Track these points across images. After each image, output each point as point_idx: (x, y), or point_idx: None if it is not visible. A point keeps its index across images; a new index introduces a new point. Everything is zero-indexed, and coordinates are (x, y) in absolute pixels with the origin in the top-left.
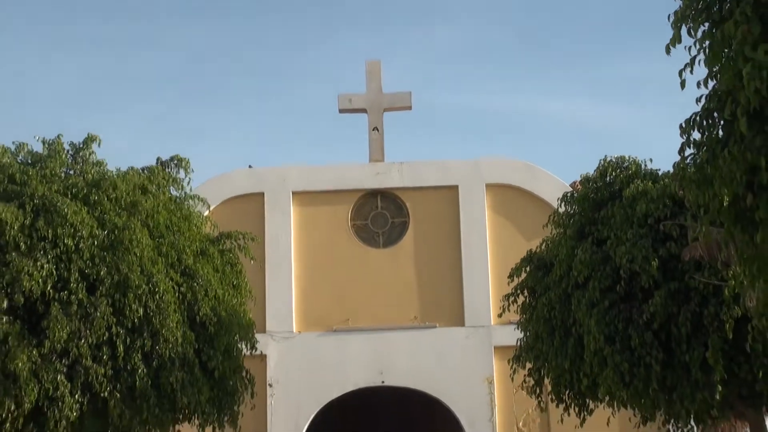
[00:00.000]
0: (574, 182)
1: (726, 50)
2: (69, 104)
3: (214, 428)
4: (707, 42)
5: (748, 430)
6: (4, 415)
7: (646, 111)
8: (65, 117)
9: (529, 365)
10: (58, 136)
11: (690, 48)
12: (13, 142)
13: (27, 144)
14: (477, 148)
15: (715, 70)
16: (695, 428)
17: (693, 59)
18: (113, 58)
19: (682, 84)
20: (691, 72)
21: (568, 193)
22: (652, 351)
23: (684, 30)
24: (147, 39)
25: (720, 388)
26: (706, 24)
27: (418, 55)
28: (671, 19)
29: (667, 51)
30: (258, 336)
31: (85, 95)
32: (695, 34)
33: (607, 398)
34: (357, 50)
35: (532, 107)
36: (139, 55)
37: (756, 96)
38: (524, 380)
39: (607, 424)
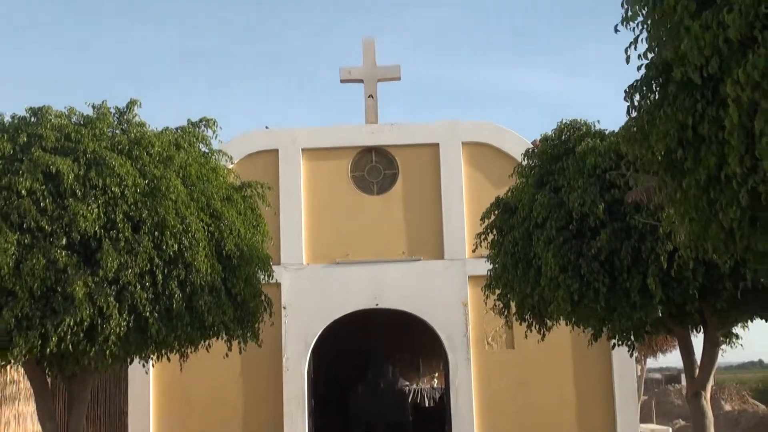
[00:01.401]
0: (535, 140)
1: (664, 28)
2: (113, 78)
3: (239, 343)
4: (649, 20)
5: (676, 343)
6: (65, 330)
7: (599, 83)
8: (113, 89)
9: (497, 291)
10: (104, 102)
11: (634, 28)
12: (65, 107)
13: (76, 109)
14: (455, 112)
15: (654, 44)
16: (634, 342)
17: (636, 38)
18: (149, 39)
19: (627, 59)
20: (635, 48)
21: (529, 149)
22: (598, 279)
23: (631, 11)
24: (174, 23)
25: (656, 309)
26: (649, 5)
27: (407, 34)
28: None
29: (616, 30)
30: (274, 267)
31: (128, 70)
32: (641, 13)
33: (561, 318)
34: (355, 30)
35: (502, 79)
36: (167, 35)
37: (689, 65)
38: (494, 304)
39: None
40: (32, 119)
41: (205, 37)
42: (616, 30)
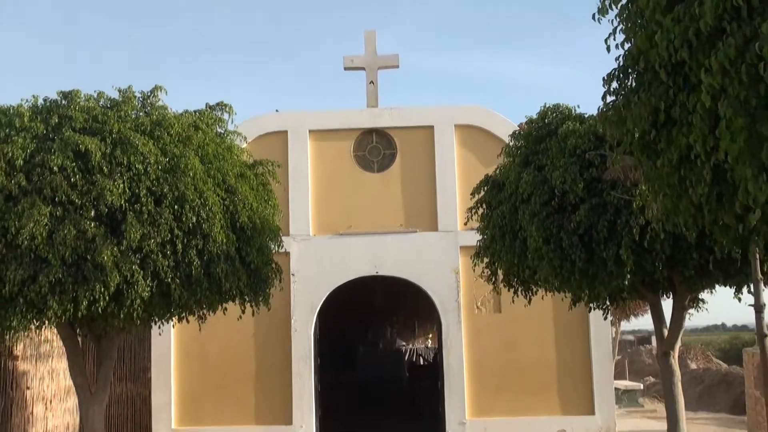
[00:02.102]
0: (521, 123)
1: (639, 20)
2: (129, 66)
3: (252, 306)
4: (625, 13)
5: (648, 308)
6: (95, 295)
7: (580, 71)
8: (133, 77)
9: (486, 260)
10: (130, 86)
11: (613, 20)
12: (95, 91)
13: (104, 93)
14: (448, 97)
15: (631, 35)
16: (609, 307)
17: (615, 29)
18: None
19: (608, 49)
20: (614, 39)
21: (516, 131)
22: (577, 250)
23: (608, 2)
24: (188, 15)
25: (629, 277)
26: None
27: (405, 26)
28: None
29: (593, 18)
30: (283, 238)
31: (147, 59)
32: (616, 7)
33: (544, 285)
34: (358, 22)
35: (492, 67)
36: (184, 26)
37: (661, 55)
38: (482, 271)
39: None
40: (63, 102)
41: (222, 29)
42: (594, 18)
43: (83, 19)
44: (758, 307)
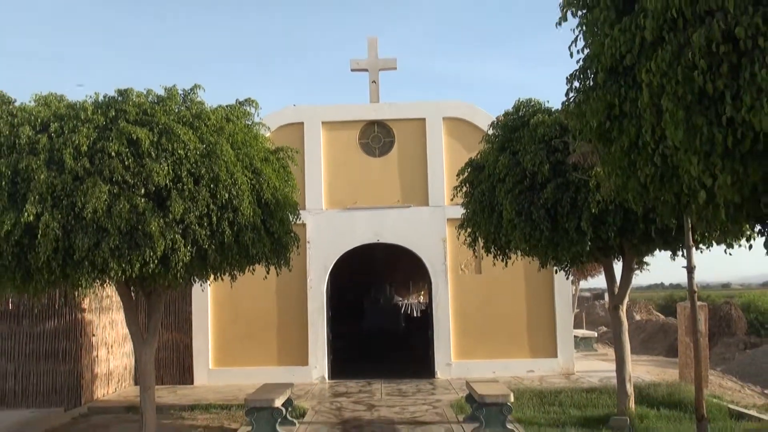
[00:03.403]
0: (499, 115)
1: (595, 29)
2: (170, 67)
3: (275, 268)
4: (584, 24)
5: (602, 269)
6: (147, 259)
7: (548, 71)
8: (166, 75)
9: (468, 230)
10: (174, 85)
11: (574, 29)
12: (144, 89)
13: (153, 90)
14: (437, 94)
15: (589, 42)
16: (570, 268)
17: (576, 37)
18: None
19: (571, 54)
20: (576, 45)
21: (494, 122)
22: (544, 221)
23: (569, 13)
24: (214, 23)
25: (588, 244)
26: (584, 9)
27: (403, 34)
28: (560, 6)
29: (555, 26)
30: (301, 212)
31: (183, 59)
32: (575, 18)
33: (517, 250)
34: (362, 29)
35: (475, 68)
36: (211, 31)
37: (611, 59)
38: (465, 239)
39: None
40: (119, 98)
41: (249, 38)
42: (555, 26)
43: (134, 31)
44: (690, 269)
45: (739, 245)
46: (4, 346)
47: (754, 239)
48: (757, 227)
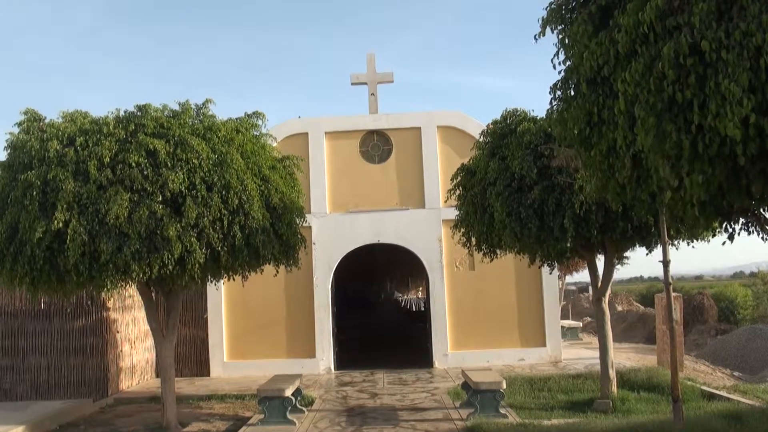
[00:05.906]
0: (488, 124)
1: (574, 42)
2: (188, 85)
3: (284, 267)
4: (565, 38)
5: (586, 264)
6: (165, 261)
7: (533, 82)
8: (189, 93)
9: (462, 230)
10: (187, 100)
11: (556, 44)
12: (161, 104)
13: (168, 105)
14: (432, 104)
15: (569, 55)
16: (556, 264)
17: (557, 51)
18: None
19: (554, 66)
20: (558, 58)
21: (485, 129)
22: (532, 221)
23: (548, 29)
24: (221, 38)
25: (572, 241)
26: (562, 25)
27: (399, 50)
28: (540, 22)
29: (534, 39)
30: (306, 215)
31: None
32: (553, 33)
33: (507, 248)
34: (362, 46)
35: (468, 81)
36: (217, 49)
37: (590, 70)
38: (459, 239)
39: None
40: (138, 113)
41: (258, 53)
42: (535, 39)
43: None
44: (665, 263)
45: (707, 240)
46: (38, 343)
47: (720, 234)
48: (725, 224)
